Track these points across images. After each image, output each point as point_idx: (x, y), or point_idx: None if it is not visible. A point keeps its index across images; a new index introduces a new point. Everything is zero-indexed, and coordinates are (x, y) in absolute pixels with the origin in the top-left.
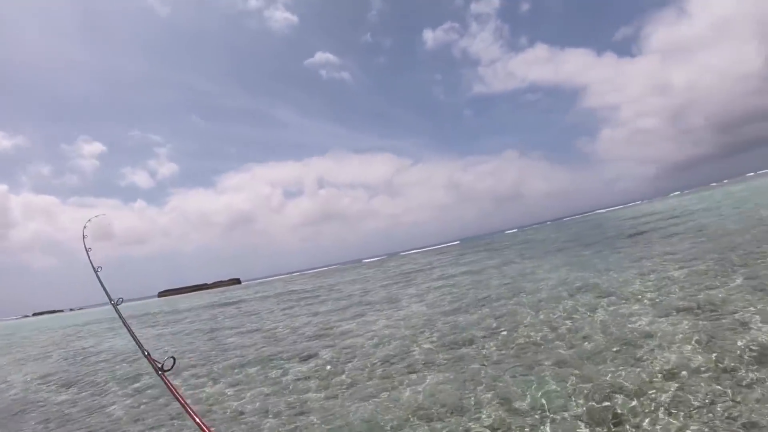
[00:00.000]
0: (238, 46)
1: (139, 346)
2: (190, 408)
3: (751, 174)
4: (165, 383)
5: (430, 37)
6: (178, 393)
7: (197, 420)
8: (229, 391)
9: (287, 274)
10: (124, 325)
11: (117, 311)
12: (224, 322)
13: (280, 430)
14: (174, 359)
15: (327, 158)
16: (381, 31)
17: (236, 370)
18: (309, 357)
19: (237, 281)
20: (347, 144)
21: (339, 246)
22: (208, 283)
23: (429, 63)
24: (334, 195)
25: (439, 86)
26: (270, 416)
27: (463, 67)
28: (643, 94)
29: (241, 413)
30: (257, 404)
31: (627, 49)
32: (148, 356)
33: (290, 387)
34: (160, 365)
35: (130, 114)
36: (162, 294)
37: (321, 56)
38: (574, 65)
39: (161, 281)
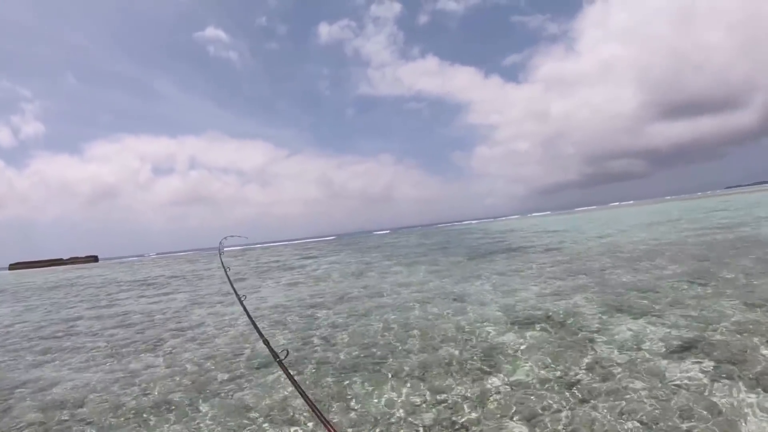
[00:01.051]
0: (127, 7)
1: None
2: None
3: (615, 204)
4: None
5: (325, 31)
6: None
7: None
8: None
9: (146, 255)
10: None
11: None
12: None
13: None
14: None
15: (202, 139)
16: (278, 17)
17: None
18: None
19: (95, 258)
20: (225, 127)
21: (206, 230)
22: (64, 258)
23: (320, 57)
24: (206, 177)
25: (326, 81)
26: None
27: (353, 66)
28: (521, 118)
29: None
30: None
31: (514, 74)
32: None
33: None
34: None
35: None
36: (13, 267)
37: (212, 32)
38: (461, 82)
39: (13, 252)
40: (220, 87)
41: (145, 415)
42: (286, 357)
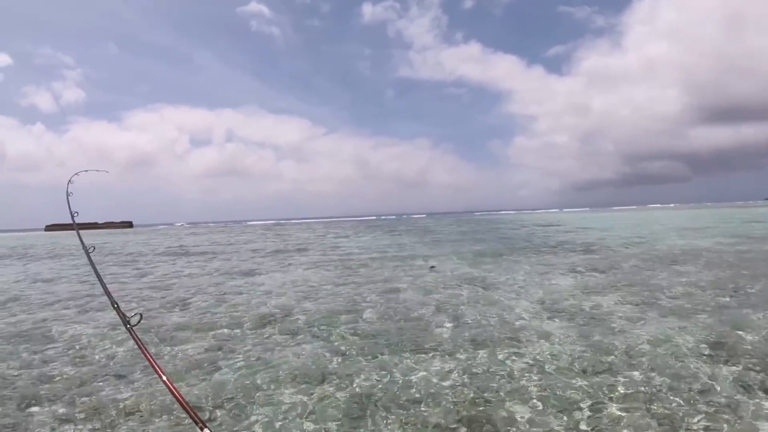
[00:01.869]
0: None
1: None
2: (156, 365)
3: (653, 206)
4: (133, 338)
5: (369, 11)
6: (146, 350)
7: (164, 378)
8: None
9: (180, 224)
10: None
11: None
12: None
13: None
14: (141, 315)
15: (240, 112)
16: None
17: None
18: None
19: (129, 224)
20: (263, 102)
21: (238, 203)
22: (99, 222)
23: (362, 36)
24: (242, 151)
25: (367, 62)
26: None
27: (394, 47)
28: (561, 111)
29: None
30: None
31: (557, 66)
32: (117, 308)
33: None
34: (128, 319)
35: (43, 29)
36: (49, 228)
37: (255, 6)
38: (503, 70)
39: (50, 214)
40: (260, 62)
41: None
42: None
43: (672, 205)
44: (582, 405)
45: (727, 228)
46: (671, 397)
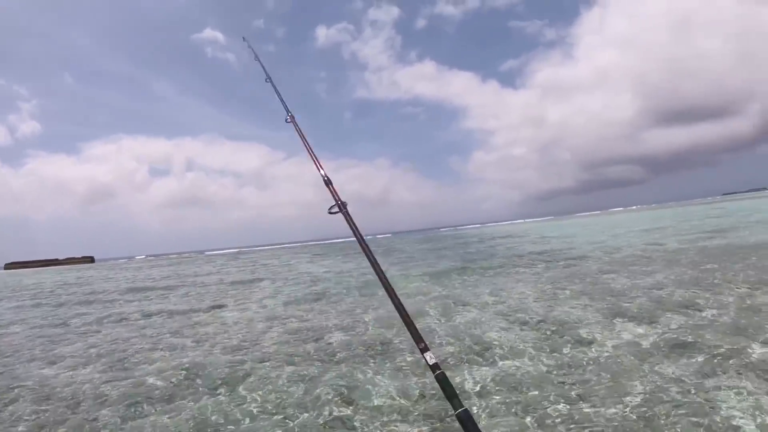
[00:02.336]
0: (125, 7)
1: None
2: None
3: (614, 209)
4: None
5: (323, 33)
6: None
7: None
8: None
9: (143, 256)
10: None
11: None
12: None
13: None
14: None
15: (199, 140)
16: (276, 19)
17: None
18: None
19: (91, 259)
20: (222, 129)
21: (202, 232)
22: (60, 258)
23: (317, 60)
24: (202, 180)
25: (323, 84)
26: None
27: (350, 69)
28: (518, 124)
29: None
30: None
31: (511, 80)
32: None
33: None
34: None
35: None
36: (9, 266)
37: (210, 33)
38: (459, 86)
39: (8, 252)
40: (216, 89)
41: None
42: None
43: (634, 207)
44: (553, 414)
45: (685, 226)
46: (645, 402)
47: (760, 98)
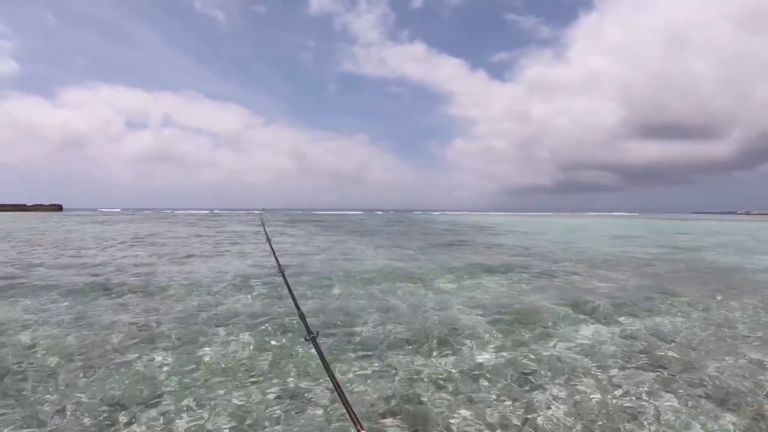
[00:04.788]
0: None
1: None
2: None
3: (588, 213)
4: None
5: (317, 1)
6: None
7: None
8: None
9: (112, 209)
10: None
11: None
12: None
13: None
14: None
15: (179, 96)
16: None
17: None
18: None
19: (59, 207)
20: (203, 86)
21: (173, 191)
22: (28, 204)
23: (307, 27)
24: (178, 137)
25: (310, 53)
26: None
27: (339, 41)
28: (501, 117)
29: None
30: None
31: (500, 72)
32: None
33: None
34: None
35: None
36: None
37: None
38: (447, 71)
39: None
40: (201, 44)
41: None
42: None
43: (606, 213)
44: (514, 410)
45: (656, 238)
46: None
47: (743, 125)
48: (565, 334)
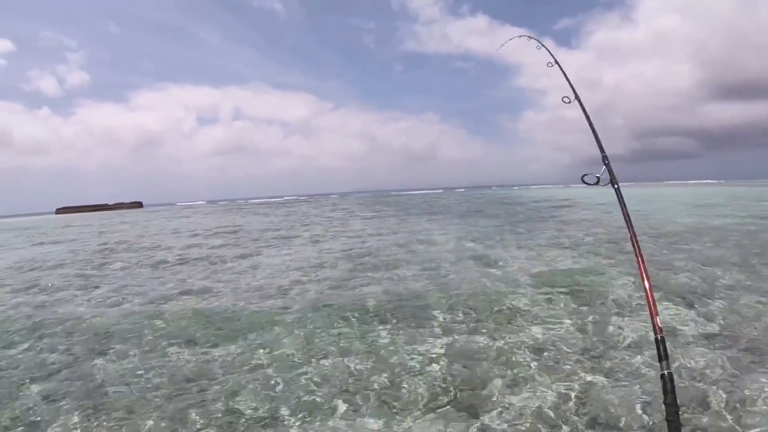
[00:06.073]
0: None
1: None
2: None
3: (668, 182)
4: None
5: None
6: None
7: None
8: None
9: (190, 202)
10: None
11: None
12: None
13: None
14: None
15: (246, 89)
16: None
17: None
18: None
19: (139, 204)
20: (269, 78)
21: (247, 181)
22: (110, 203)
23: (366, 9)
24: (249, 128)
25: (372, 35)
26: None
27: (399, 20)
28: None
29: None
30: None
31: (566, 39)
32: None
33: None
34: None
35: (43, 12)
36: (60, 211)
37: None
38: (511, 43)
39: (59, 197)
40: (263, 37)
41: None
42: None
43: (687, 181)
44: (574, 385)
45: (740, 206)
46: None
47: None
48: (638, 312)
